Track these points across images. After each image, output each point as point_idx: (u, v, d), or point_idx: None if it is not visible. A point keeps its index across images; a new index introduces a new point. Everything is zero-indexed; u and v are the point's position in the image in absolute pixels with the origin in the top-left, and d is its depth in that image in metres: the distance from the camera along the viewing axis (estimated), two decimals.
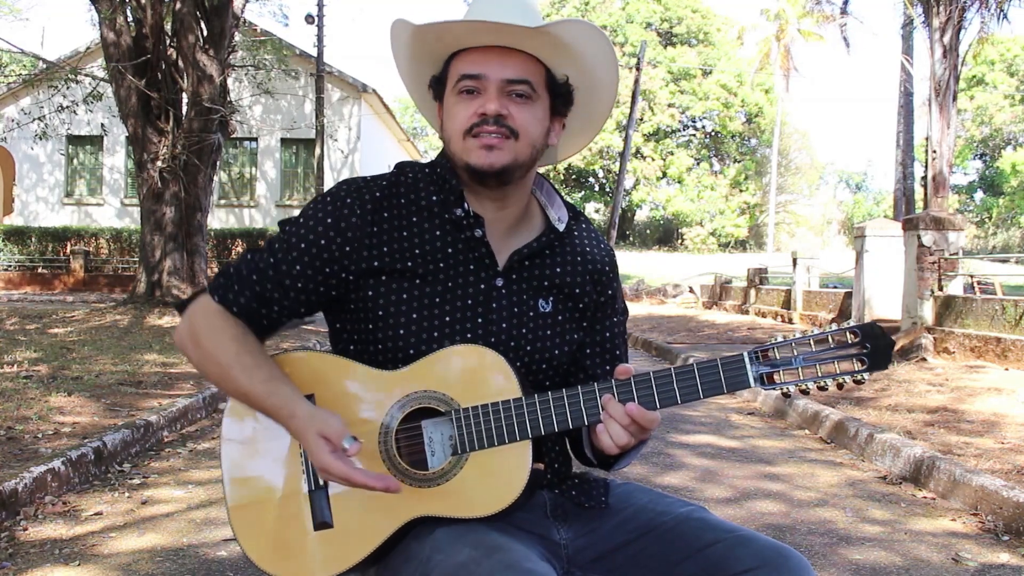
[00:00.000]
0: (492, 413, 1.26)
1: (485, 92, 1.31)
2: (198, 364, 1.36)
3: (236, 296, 1.34)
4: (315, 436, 1.21)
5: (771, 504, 3.59)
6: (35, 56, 14.81)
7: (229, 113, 13.19)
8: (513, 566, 1.11)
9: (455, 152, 1.34)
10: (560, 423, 1.26)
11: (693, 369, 1.24)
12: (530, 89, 1.32)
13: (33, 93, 18.99)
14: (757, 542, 1.22)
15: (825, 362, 1.21)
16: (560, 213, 1.45)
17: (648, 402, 1.24)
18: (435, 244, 1.34)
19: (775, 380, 1.22)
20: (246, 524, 1.29)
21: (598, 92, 1.41)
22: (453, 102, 1.34)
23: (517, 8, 1.32)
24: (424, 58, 1.39)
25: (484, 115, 1.30)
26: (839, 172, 62.55)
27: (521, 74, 1.32)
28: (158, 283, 12.56)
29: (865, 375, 1.20)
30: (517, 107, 1.32)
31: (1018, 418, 4.91)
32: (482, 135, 1.31)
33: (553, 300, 1.40)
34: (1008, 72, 43.75)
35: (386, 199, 1.35)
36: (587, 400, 1.26)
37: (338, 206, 1.34)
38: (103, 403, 4.88)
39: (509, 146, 1.31)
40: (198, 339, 1.33)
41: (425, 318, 1.32)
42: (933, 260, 8.51)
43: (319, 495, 1.27)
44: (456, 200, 1.35)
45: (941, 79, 13.43)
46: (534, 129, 1.34)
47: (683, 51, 45.43)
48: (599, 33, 1.34)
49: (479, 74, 1.31)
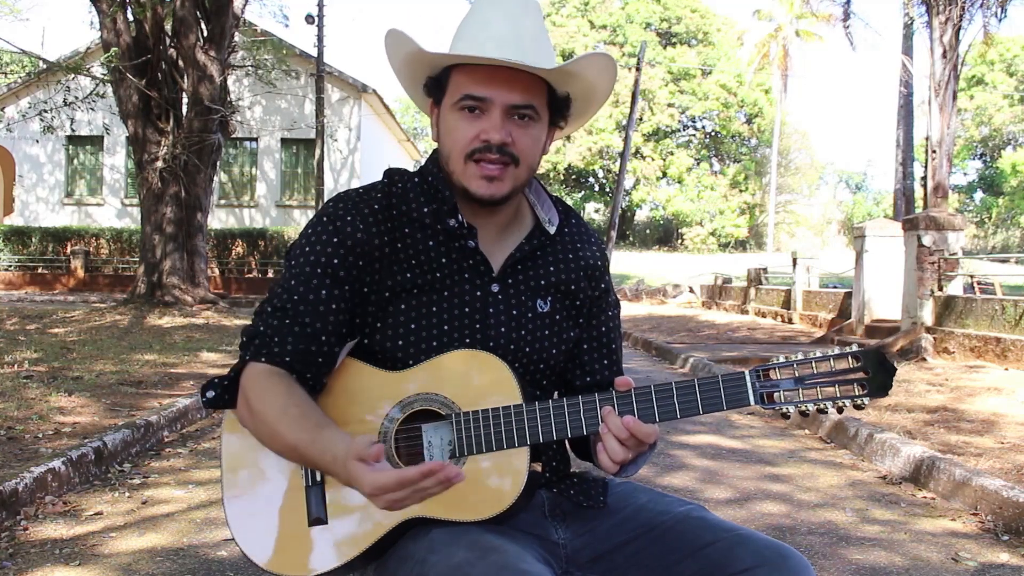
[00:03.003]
0: (492, 419, 1.26)
1: (488, 115, 1.29)
2: (254, 431, 1.27)
3: (281, 347, 1.28)
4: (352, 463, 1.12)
5: (772, 505, 3.59)
6: (35, 56, 14.81)
7: (229, 113, 13.20)
8: (508, 567, 1.11)
9: (454, 172, 1.33)
10: (559, 431, 1.26)
11: (694, 384, 1.25)
12: (534, 112, 1.31)
13: (33, 93, 18.99)
14: (756, 541, 1.21)
15: (826, 385, 1.22)
16: (550, 214, 1.45)
17: (648, 415, 1.24)
18: (430, 254, 1.34)
19: (775, 399, 1.22)
20: (241, 516, 1.29)
21: (594, 103, 1.42)
22: (454, 117, 1.32)
23: (527, 31, 1.30)
24: (422, 65, 1.38)
25: (487, 142, 1.29)
26: (839, 172, 62.62)
27: (526, 99, 1.30)
28: (158, 283, 12.57)
29: (865, 400, 1.21)
30: (519, 131, 1.31)
31: (1018, 418, 4.91)
32: (483, 163, 1.30)
33: (551, 299, 1.41)
34: (1008, 72, 43.75)
35: (383, 211, 1.34)
36: (587, 410, 1.26)
37: (339, 226, 1.32)
38: (103, 403, 4.88)
39: (510, 174, 1.31)
40: (250, 405, 1.26)
41: (424, 327, 1.32)
42: (933, 260, 8.52)
43: (315, 491, 1.27)
44: (449, 211, 1.35)
45: (941, 79, 13.43)
46: (533, 152, 1.34)
47: (683, 51, 45.44)
48: (611, 63, 1.33)
49: (485, 97, 1.29)
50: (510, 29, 1.29)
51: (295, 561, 1.26)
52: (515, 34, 1.29)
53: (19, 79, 21.52)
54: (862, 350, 1.22)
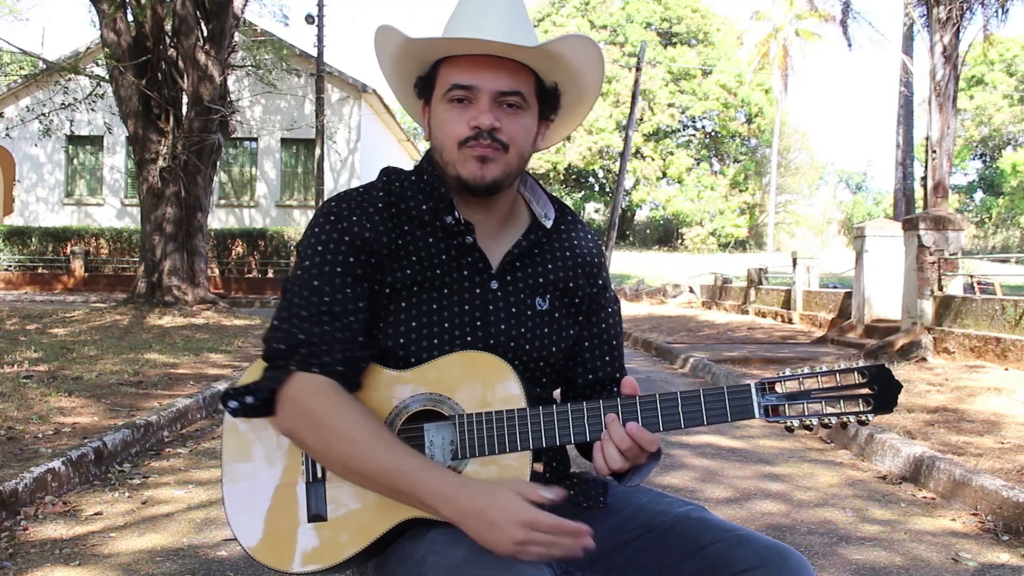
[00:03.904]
0: (496, 421, 1.26)
1: (477, 103, 1.30)
2: (322, 449, 1.23)
3: (331, 355, 1.26)
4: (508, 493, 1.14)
5: (772, 504, 3.59)
6: (35, 56, 14.81)
7: (229, 113, 13.20)
8: (506, 568, 1.11)
9: (447, 161, 1.34)
10: (563, 437, 1.26)
11: (699, 395, 1.25)
12: (521, 100, 1.32)
13: (34, 93, 19.00)
14: (756, 541, 1.22)
15: (831, 400, 1.23)
16: (546, 209, 1.45)
17: (652, 424, 1.25)
18: (430, 251, 1.34)
19: (780, 413, 1.23)
20: (240, 510, 1.29)
21: (584, 95, 1.42)
22: (443, 109, 1.33)
23: (510, 20, 1.31)
24: (411, 61, 1.39)
25: (477, 128, 1.30)
26: (839, 172, 62.67)
27: (513, 86, 1.31)
28: (158, 283, 12.57)
29: (870, 416, 1.22)
30: (508, 118, 1.31)
31: (1018, 418, 4.91)
32: (475, 148, 1.30)
33: (549, 297, 1.41)
34: (1007, 72, 43.77)
35: (385, 209, 1.35)
36: (591, 417, 1.26)
37: (347, 227, 1.32)
38: (103, 403, 4.88)
39: (500, 158, 1.32)
40: (319, 421, 1.22)
41: (424, 325, 1.32)
42: (933, 260, 8.52)
43: (316, 487, 1.27)
44: (446, 208, 1.35)
45: (941, 79, 13.43)
46: (523, 140, 1.34)
47: (683, 51, 45.46)
48: (593, 45, 1.34)
49: (472, 85, 1.30)
50: (492, 17, 1.31)
51: (293, 556, 1.26)
52: (497, 21, 1.30)
53: (19, 79, 21.53)
54: (868, 366, 1.22)
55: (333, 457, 1.23)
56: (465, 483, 1.17)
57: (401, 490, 1.19)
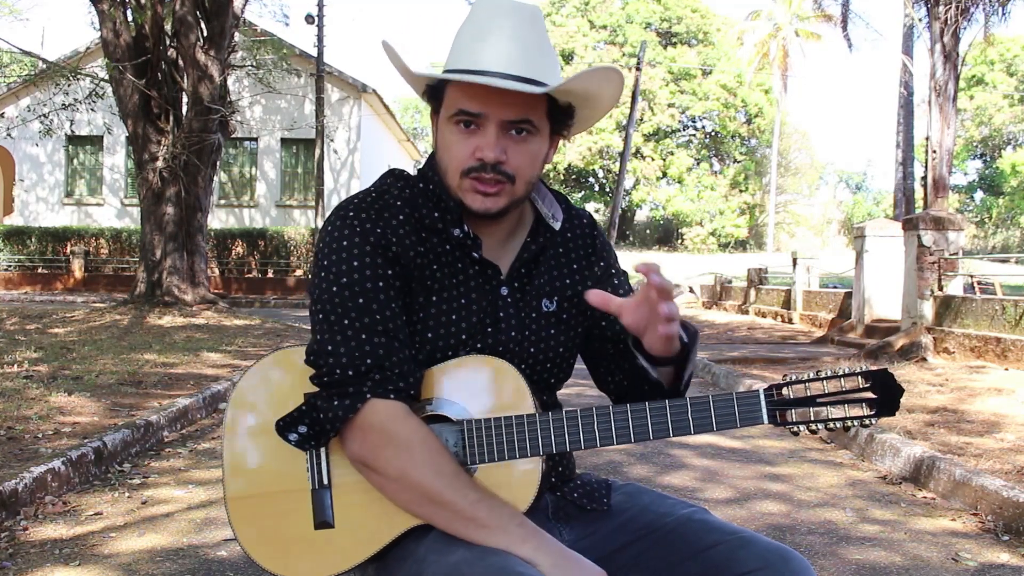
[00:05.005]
0: (505, 427, 1.25)
1: (483, 130, 1.26)
2: (398, 476, 1.21)
3: (404, 380, 1.24)
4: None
5: (772, 504, 3.59)
6: (35, 56, 14.81)
7: (229, 113, 13.19)
8: (505, 569, 1.11)
9: (451, 186, 1.31)
10: (573, 444, 1.25)
11: (709, 401, 1.24)
12: (531, 126, 1.27)
13: (34, 93, 18.99)
14: (759, 544, 1.22)
15: (836, 404, 1.25)
16: (553, 210, 1.43)
17: (661, 431, 1.25)
18: (442, 259, 1.33)
19: (787, 418, 1.25)
20: (244, 517, 1.28)
21: (599, 109, 1.37)
22: (449, 130, 1.29)
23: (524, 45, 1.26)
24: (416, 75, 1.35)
25: (482, 160, 1.26)
26: (839, 172, 62.66)
27: (522, 114, 1.26)
28: (158, 283, 12.56)
29: (873, 420, 1.24)
30: (515, 146, 1.27)
31: (1018, 418, 4.91)
32: (479, 181, 1.27)
33: (557, 299, 1.41)
34: (1008, 72, 43.76)
35: (407, 219, 1.32)
36: (600, 421, 1.25)
37: (375, 239, 1.28)
38: (103, 403, 4.88)
39: (506, 190, 1.29)
40: (408, 451, 1.20)
41: (431, 328, 1.31)
42: (933, 260, 8.51)
43: (323, 494, 1.26)
44: (454, 220, 1.33)
45: (941, 79, 13.43)
46: (530, 168, 1.30)
47: (683, 51, 45.44)
48: (614, 74, 1.28)
49: (479, 113, 1.25)
50: (508, 43, 1.26)
51: (299, 563, 1.25)
52: (514, 48, 1.25)
53: (19, 79, 21.52)
54: (871, 371, 1.24)
55: (410, 486, 1.20)
56: (537, 548, 1.17)
57: (484, 525, 1.18)
